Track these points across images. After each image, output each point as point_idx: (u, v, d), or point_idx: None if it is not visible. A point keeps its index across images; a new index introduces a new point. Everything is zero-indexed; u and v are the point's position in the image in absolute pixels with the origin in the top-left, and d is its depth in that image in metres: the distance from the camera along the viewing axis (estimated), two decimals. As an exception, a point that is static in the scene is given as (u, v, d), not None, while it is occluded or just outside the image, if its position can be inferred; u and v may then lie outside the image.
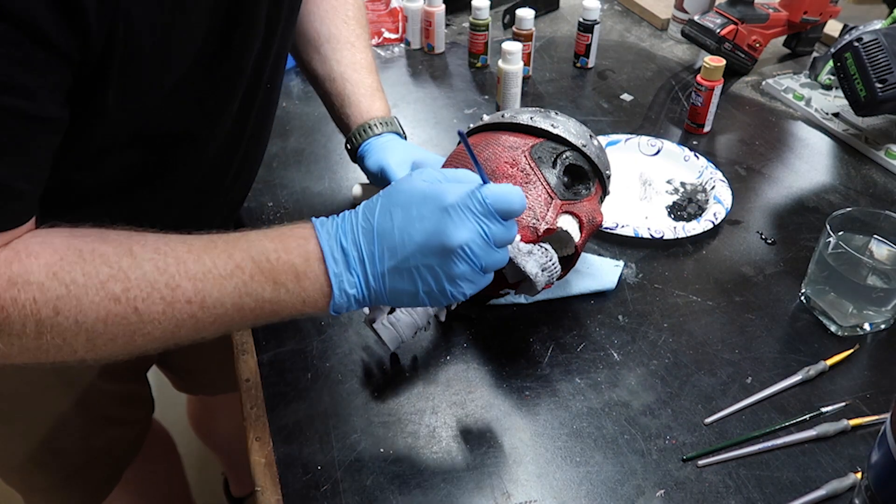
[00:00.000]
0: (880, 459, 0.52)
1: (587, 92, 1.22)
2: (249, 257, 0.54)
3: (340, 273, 0.55)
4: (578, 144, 0.71)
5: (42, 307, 0.48)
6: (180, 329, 0.53)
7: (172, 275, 0.52)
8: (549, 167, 0.70)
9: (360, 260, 0.55)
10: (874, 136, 1.06)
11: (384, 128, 0.83)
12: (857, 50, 0.96)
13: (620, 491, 0.60)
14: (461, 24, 1.42)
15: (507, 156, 0.70)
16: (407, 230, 0.54)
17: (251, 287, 0.54)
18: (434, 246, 0.54)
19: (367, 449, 0.64)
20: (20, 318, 0.48)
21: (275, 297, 0.55)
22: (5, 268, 0.48)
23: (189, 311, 0.53)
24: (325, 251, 0.55)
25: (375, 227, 0.55)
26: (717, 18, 1.19)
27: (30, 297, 0.48)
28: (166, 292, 0.52)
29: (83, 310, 0.50)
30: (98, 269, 0.50)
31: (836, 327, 0.75)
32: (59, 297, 0.49)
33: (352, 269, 0.55)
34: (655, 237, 0.86)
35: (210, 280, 0.53)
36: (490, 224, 0.55)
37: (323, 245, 0.55)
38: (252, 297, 0.54)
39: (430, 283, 0.55)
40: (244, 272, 0.53)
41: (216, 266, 0.53)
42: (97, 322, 0.50)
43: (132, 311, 0.51)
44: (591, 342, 0.74)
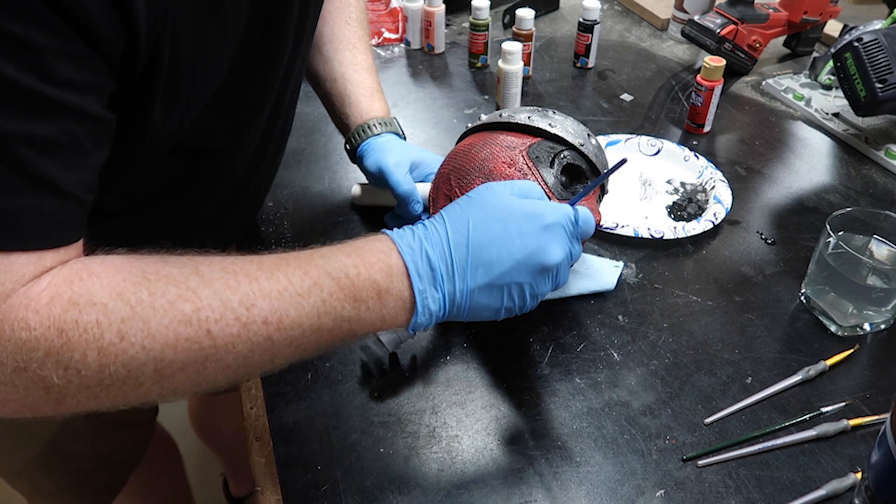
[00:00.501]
0: (880, 459, 0.52)
1: (587, 92, 1.22)
2: (327, 273, 0.50)
3: (425, 290, 0.53)
4: (576, 144, 0.71)
5: (106, 331, 0.43)
6: (254, 354, 0.48)
7: (246, 293, 0.48)
8: (547, 167, 0.69)
9: (450, 276, 0.53)
10: (874, 136, 1.06)
11: (383, 128, 0.83)
12: (857, 50, 0.96)
13: (620, 491, 0.60)
14: (461, 24, 1.42)
15: (504, 155, 0.70)
16: (507, 246, 0.53)
17: (330, 305, 0.50)
18: (533, 264, 0.54)
19: (367, 449, 0.64)
20: (81, 345, 0.42)
21: (354, 315, 0.51)
22: (66, 287, 0.43)
23: (265, 332, 0.48)
24: (410, 266, 0.52)
25: (470, 240, 0.53)
26: (717, 18, 1.19)
27: (93, 320, 0.43)
28: (241, 312, 0.47)
29: (151, 333, 0.44)
30: (165, 288, 0.46)
31: (836, 327, 0.75)
32: (125, 319, 0.44)
33: (438, 284, 0.53)
34: (655, 237, 0.86)
35: (287, 298, 0.49)
36: (576, 245, 0.57)
37: (406, 259, 0.52)
38: (331, 317, 0.51)
39: (515, 299, 0.55)
40: (322, 289, 0.50)
41: (292, 283, 0.49)
42: (166, 348, 0.45)
43: (205, 333, 0.46)
44: (591, 342, 0.74)
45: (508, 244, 0.53)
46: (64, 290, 0.43)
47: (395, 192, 0.80)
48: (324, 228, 0.89)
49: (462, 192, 0.69)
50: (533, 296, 0.56)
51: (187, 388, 0.48)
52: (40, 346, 0.42)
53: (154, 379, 0.45)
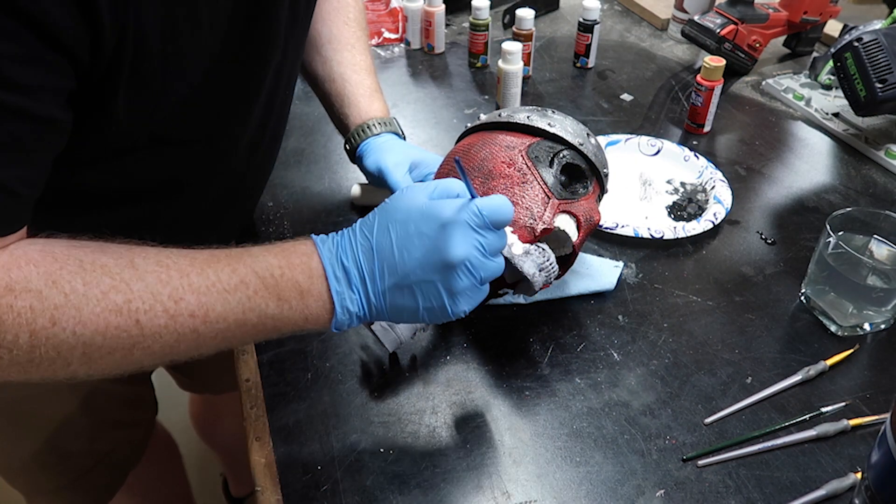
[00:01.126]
0: (880, 459, 0.52)
1: (587, 92, 1.22)
2: (254, 272, 0.53)
3: (343, 291, 0.55)
4: (575, 143, 0.71)
5: (39, 316, 0.46)
6: (180, 344, 0.52)
7: (176, 287, 0.50)
8: (546, 166, 0.69)
9: (361, 278, 0.55)
10: (874, 136, 1.06)
11: (383, 128, 0.83)
12: (857, 50, 0.96)
13: (620, 491, 0.60)
14: (461, 24, 1.42)
15: (503, 155, 0.70)
16: (406, 247, 0.54)
17: (255, 302, 0.53)
18: (435, 262, 0.54)
19: (367, 449, 0.64)
20: (14, 327, 0.46)
21: (278, 313, 0.54)
22: (4, 273, 0.46)
23: (192, 325, 0.51)
24: (328, 269, 0.55)
25: (374, 245, 0.55)
26: (717, 18, 1.19)
27: (26, 305, 0.46)
28: (169, 304, 0.50)
29: (82, 320, 0.48)
30: (99, 279, 0.49)
31: (836, 327, 0.75)
32: (58, 306, 0.47)
33: (353, 286, 0.55)
34: (655, 237, 0.86)
35: (214, 294, 0.52)
36: (486, 235, 0.55)
37: (325, 263, 0.55)
38: (255, 313, 0.53)
39: (430, 299, 0.55)
40: (248, 287, 0.53)
41: (220, 280, 0.52)
42: (96, 334, 0.48)
43: (133, 323, 0.49)
44: (591, 342, 0.74)
45: (408, 244, 0.54)
46: (1, 277, 0.46)
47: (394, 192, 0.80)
48: (324, 228, 0.89)
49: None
50: (450, 293, 0.55)
51: (113, 370, 0.51)
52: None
53: (82, 361, 0.49)
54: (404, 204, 0.56)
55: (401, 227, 0.55)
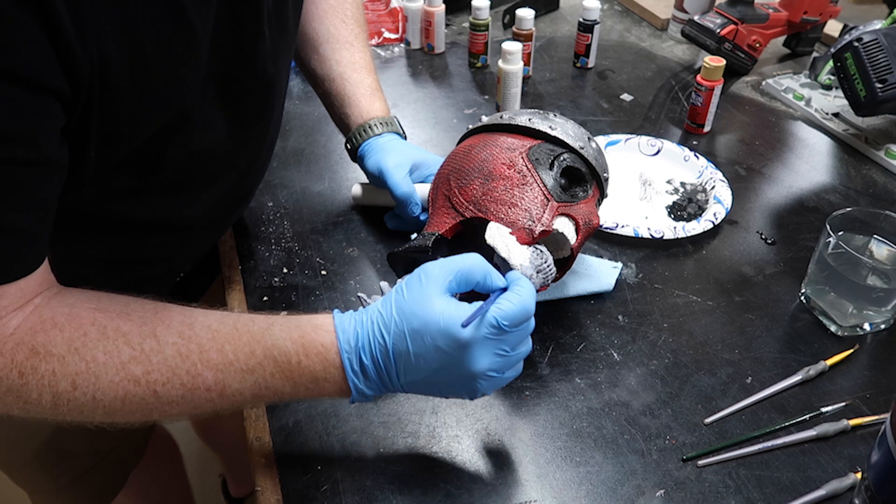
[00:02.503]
0: (880, 459, 0.52)
1: (587, 92, 1.22)
2: (272, 358, 0.54)
3: (359, 382, 0.55)
4: (576, 147, 0.71)
5: (60, 380, 0.49)
6: (197, 410, 0.54)
7: (195, 363, 0.52)
8: (547, 169, 0.69)
9: (378, 375, 0.55)
10: (874, 136, 1.06)
11: (384, 128, 0.83)
12: (857, 50, 0.96)
13: (620, 491, 0.60)
14: (461, 24, 1.42)
15: (504, 157, 0.70)
16: (424, 357, 0.54)
17: (271, 383, 0.55)
18: (454, 374, 0.55)
19: (367, 449, 0.64)
20: (37, 388, 0.49)
21: (293, 392, 0.56)
22: (30, 337, 0.49)
23: (207, 397, 0.53)
24: (346, 364, 0.55)
25: (391, 349, 0.54)
26: (717, 18, 1.19)
27: (49, 370, 0.49)
28: (186, 379, 0.52)
29: (101, 388, 0.50)
30: (120, 348, 0.51)
31: (836, 327, 0.75)
32: (79, 373, 0.49)
33: (370, 378, 0.55)
34: (655, 237, 0.86)
35: (231, 372, 0.53)
36: (507, 338, 0.54)
37: (343, 358, 0.55)
38: (271, 391, 0.55)
39: (449, 394, 0.57)
40: (265, 370, 0.54)
41: (238, 360, 0.54)
42: (115, 400, 0.51)
43: (151, 393, 0.51)
44: (591, 342, 0.74)
45: (426, 355, 0.54)
46: (28, 339, 0.49)
47: (393, 193, 0.80)
48: (324, 228, 0.89)
49: (461, 192, 0.69)
50: (471, 392, 0.56)
51: (135, 424, 0.55)
52: (3, 383, 0.49)
53: (104, 417, 0.52)
54: (420, 310, 0.54)
55: (417, 337, 0.53)
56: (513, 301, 0.55)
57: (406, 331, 0.54)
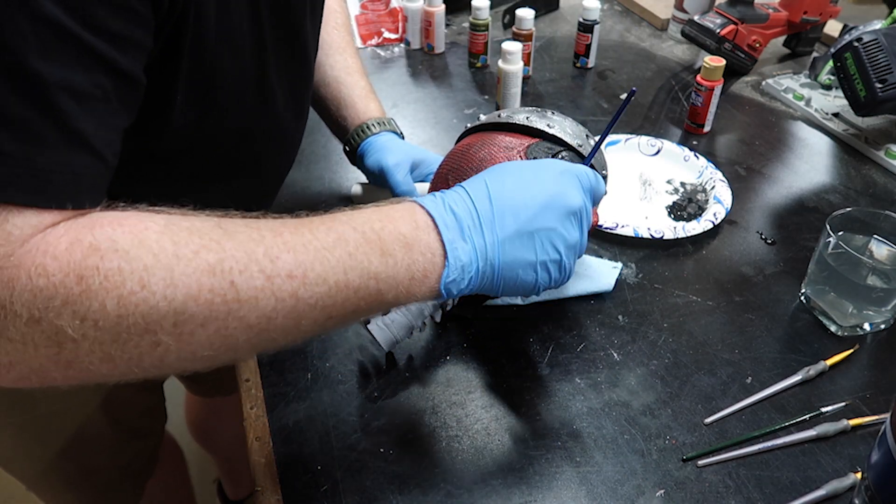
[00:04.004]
0: (880, 459, 0.52)
1: (587, 92, 1.22)
2: (352, 228, 0.49)
3: (454, 239, 0.51)
4: (574, 144, 0.71)
5: (128, 279, 0.41)
6: (278, 314, 0.46)
7: (270, 245, 0.46)
8: None
9: (477, 226, 0.52)
10: (874, 136, 1.06)
11: (382, 127, 0.84)
12: (857, 50, 0.96)
13: (620, 491, 0.60)
14: (461, 24, 1.42)
15: (502, 156, 0.69)
16: (529, 191, 0.53)
17: (357, 259, 0.48)
18: (558, 206, 0.54)
19: (367, 449, 0.64)
20: (101, 292, 0.40)
21: (382, 269, 0.49)
22: (87, 232, 0.41)
23: (290, 287, 0.46)
24: (437, 218, 0.51)
25: (491, 192, 0.52)
26: (717, 18, 1.19)
27: (114, 266, 0.41)
28: (265, 263, 0.45)
29: (174, 282, 0.42)
30: (189, 238, 0.44)
31: (836, 327, 0.75)
32: (147, 266, 0.41)
33: (466, 236, 0.52)
34: (655, 237, 0.86)
35: (312, 251, 0.47)
36: (588, 203, 0.57)
37: (432, 212, 0.51)
38: (357, 272, 0.48)
39: (548, 250, 0.54)
40: (348, 243, 0.49)
41: (317, 237, 0.48)
42: (188, 299, 0.42)
43: (228, 284, 0.44)
44: (591, 342, 0.74)
45: (530, 189, 0.53)
46: (84, 236, 0.41)
47: (394, 192, 0.80)
48: (324, 228, 0.89)
49: None
50: (567, 245, 0.55)
51: (207, 351, 0.45)
52: (58, 294, 0.39)
53: (174, 335, 0.43)
54: (513, 164, 0.56)
55: (517, 175, 0.54)
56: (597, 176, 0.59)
57: (504, 174, 0.54)
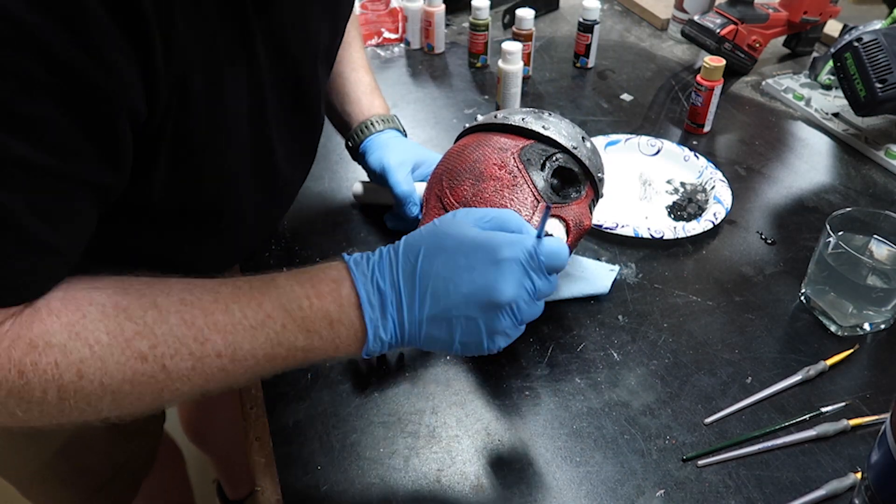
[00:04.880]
0: (880, 459, 0.52)
1: (587, 92, 1.22)
2: (280, 306, 0.52)
3: (376, 318, 0.53)
4: (569, 146, 0.70)
5: (65, 371, 0.46)
6: (209, 383, 0.51)
7: (201, 328, 0.49)
8: (538, 170, 0.68)
9: (398, 305, 0.53)
10: (874, 136, 1.06)
11: (385, 124, 0.83)
12: (857, 50, 0.96)
13: (620, 491, 0.60)
14: (461, 24, 1.42)
15: (496, 157, 0.69)
16: (453, 279, 0.52)
17: (283, 337, 0.52)
18: (481, 299, 0.52)
19: (367, 449, 0.64)
20: (41, 384, 0.45)
21: (307, 344, 0.53)
22: (26, 329, 0.45)
23: (219, 364, 0.50)
24: (362, 295, 0.52)
25: (419, 269, 0.52)
26: (717, 18, 1.19)
27: (51, 361, 0.45)
28: (195, 347, 0.49)
29: (108, 371, 0.47)
30: (122, 325, 0.48)
31: (836, 327, 0.75)
32: (83, 359, 0.46)
33: (388, 314, 0.53)
34: (655, 237, 0.86)
35: (240, 331, 0.50)
36: (539, 280, 0.54)
37: (359, 289, 0.53)
38: (284, 347, 0.52)
39: (468, 334, 0.53)
40: (276, 322, 0.51)
41: (246, 317, 0.51)
42: (123, 383, 0.48)
43: (160, 368, 0.48)
44: (591, 342, 0.74)
45: (455, 277, 0.52)
46: (24, 333, 0.45)
47: (393, 191, 0.80)
48: (324, 229, 0.89)
49: (452, 193, 0.69)
50: (490, 333, 0.53)
51: (144, 411, 0.51)
52: (3, 386, 0.45)
53: (112, 407, 0.49)
54: (456, 231, 0.54)
55: (451, 256, 0.52)
56: (555, 245, 0.55)
57: (439, 251, 0.52)
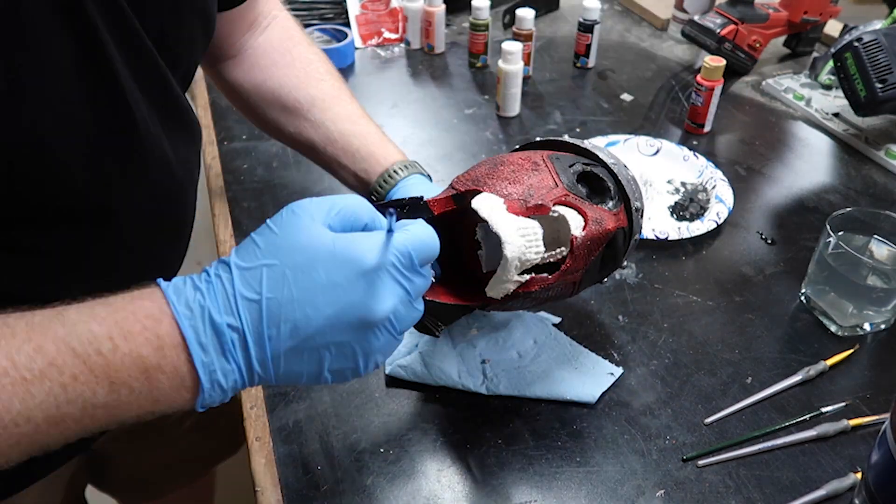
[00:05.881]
0: (880, 459, 0.52)
1: (587, 92, 1.22)
2: (69, 349, 0.39)
3: (212, 362, 0.41)
4: (608, 161, 0.63)
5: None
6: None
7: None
8: (566, 168, 0.61)
9: (243, 343, 0.42)
10: (874, 136, 1.06)
11: (407, 171, 0.75)
12: (857, 50, 0.96)
13: (620, 491, 0.60)
14: (461, 24, 1.42)
15: (524, 154, 0.62)
16: (313, 301, 0.42)
17: (75, 391, 0.39)
18: (351, 320, 0.43)
19: (367, 449, 0.64)
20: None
21: (111, 400, 0.40)
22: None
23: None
24: (188, 336, 0.41)
25: (265, 296, 0.42)
26: (717, 18, 1.19)
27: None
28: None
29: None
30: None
31: (836, 327, 0.75)
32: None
33: (229, 354, 0.42)
34: (660, 238, 0.86)
35: (9, 386, 0.38)
36: (412, 279, 0.45)
37: (184, 327, 0.41)
38: (77, 405, 0.39)
39: (340, 361, 0.44)
40: (62, 372, 0.39)
41: (16, 365, 0.38)
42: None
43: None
44: (592, 342, 0.74)
45: (315, 299, 0.42)
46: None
47: None
48: (324, 228, 0.89)
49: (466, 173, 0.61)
50: (366, 354, 0.45)
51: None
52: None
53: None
54: (304, 241, 0.43)
55: (304, 275, 0.42)
56: (417, 231, 0.46)
57: (287, 270, 0.42)
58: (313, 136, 0.78)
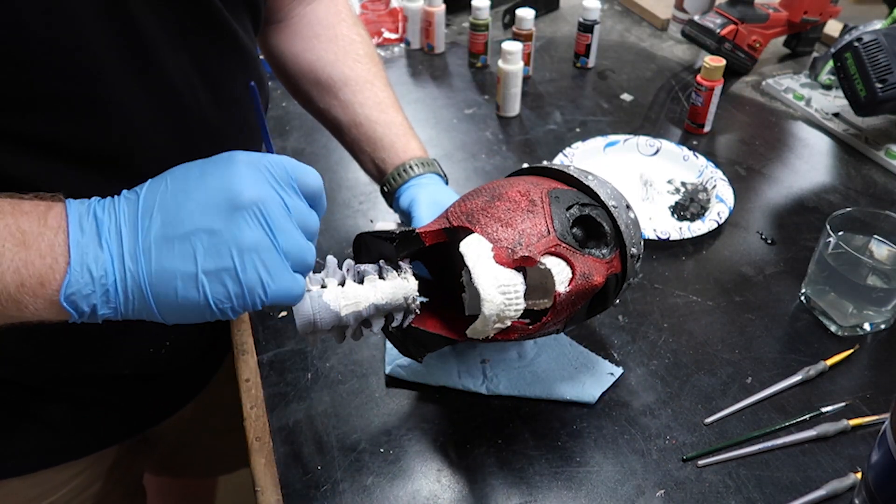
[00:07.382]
0: (880, 459, 0.52)
1: (587, 92, 1.22)
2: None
3: (86, 244, 0.42)
4: (608, 204, 0.61)
5: None
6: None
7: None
8: (563, 209, 0.59)
9: (117, 230, 0.43)
10: (874, 136, 1.06)
11: (424, 168, 0.75)
12: (857, 50, 0.96)
13: (620, 491, 0.60)
14: (461, 24, 1.42)
15: (523, 186, 0.61)
16: (184, 189, 0.44)
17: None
18: (219, 201, 0.43)
19: (367, 449, 0.64)
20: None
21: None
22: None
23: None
24: (71, 216, 0.43)
25: (143, 193, 0.44)
26: (717, 18, 1.19)
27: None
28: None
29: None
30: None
31: (836, 327, 0.75)
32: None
33: (104, 240, 0.43)
34: (662, 238, 0.86)
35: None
36: (289, 194, 0.46)
37: (70, 211, 0.43)
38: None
39: (213, 258, 0.43)
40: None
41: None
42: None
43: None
44: (592, 342, 0.74)
45: (187, 186, 0.44)
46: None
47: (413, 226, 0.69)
48: (324, 229, 0.89)
49: (461, 205, 0.61)
50: (239, 249, 0.43)
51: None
52: None
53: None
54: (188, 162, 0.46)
55: (180, 172, 0.45)
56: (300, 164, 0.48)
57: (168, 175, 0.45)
58: (340, 116, 0.79)
